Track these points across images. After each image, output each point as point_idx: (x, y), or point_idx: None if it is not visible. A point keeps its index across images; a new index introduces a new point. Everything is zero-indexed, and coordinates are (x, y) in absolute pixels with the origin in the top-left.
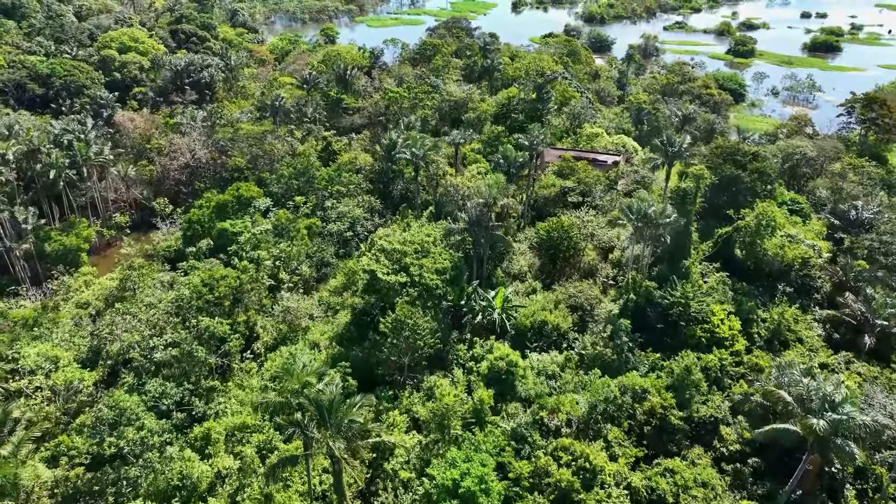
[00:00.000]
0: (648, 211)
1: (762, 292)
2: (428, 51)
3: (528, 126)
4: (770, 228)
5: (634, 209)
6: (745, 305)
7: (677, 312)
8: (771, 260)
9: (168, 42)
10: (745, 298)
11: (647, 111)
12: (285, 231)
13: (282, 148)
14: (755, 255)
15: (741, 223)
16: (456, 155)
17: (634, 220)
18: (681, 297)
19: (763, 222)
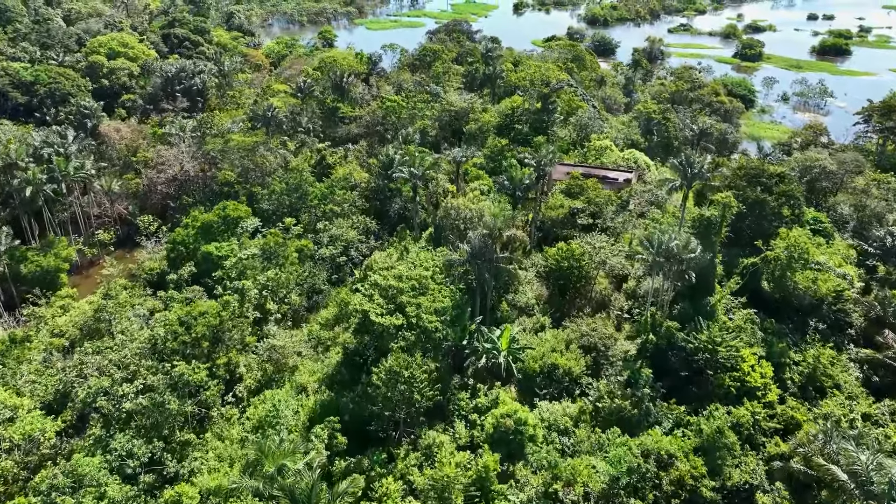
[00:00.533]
0: (670, 245)
1: (792, 329)
2: (427, 56)
3: (532, 138)
4: (802, 261)
5: (654, 242)
6: (776, 347)
7: (704, 359)
8: (802, 294)
9: (160, 47)
10: (775, 339)
11: (656, 121)
12: (274, 256)
13: (274, 161)
14: (784, 289)
15: (770, 254)
16: (457, 172)
17: (654, 254)
18: (708, 342)
19: (795, 255)
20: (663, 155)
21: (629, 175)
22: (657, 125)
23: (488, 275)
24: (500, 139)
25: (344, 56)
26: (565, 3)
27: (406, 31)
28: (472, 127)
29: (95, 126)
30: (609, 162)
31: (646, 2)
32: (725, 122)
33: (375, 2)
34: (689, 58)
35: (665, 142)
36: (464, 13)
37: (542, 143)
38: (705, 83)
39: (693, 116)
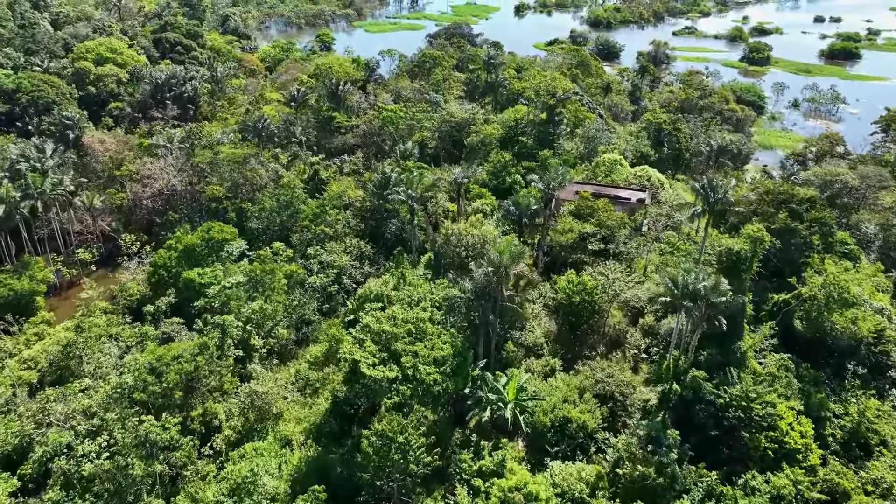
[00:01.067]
0: (697, 286)
1: (829, 374)
2: (427, 63)
3: (538, 152)
4: (842, 301)
5: (679, 283)
6: (815, 398)
7: (736, 417)
8: (839, 334)
9: (151, 52)
10: (813, 389)
11: (667, 132)
12: (260, 284)
13: (265, 174)
14: (820, 330)
15: (804, 291)
16: (458, 193)
17: (680, 297)
18: (741, 398)
19: (834, 294)
20: (674, 167)
21: (642, 195)
22: (668, 136)
23: (493, 316)
24: (504, 153)
25: (340, 63)
26: (567, 5)
27: (405, 34)
28: (473, 139)
29: (78, 137)
30: (620, 179)
31: (649, 4)
32: (737, 132)
33: (374, 4)
34: (695, 62)
35: (676, 153)
36: (464, 15)
37: (549, 159)
38: (714, 89)
39: (704, 126)
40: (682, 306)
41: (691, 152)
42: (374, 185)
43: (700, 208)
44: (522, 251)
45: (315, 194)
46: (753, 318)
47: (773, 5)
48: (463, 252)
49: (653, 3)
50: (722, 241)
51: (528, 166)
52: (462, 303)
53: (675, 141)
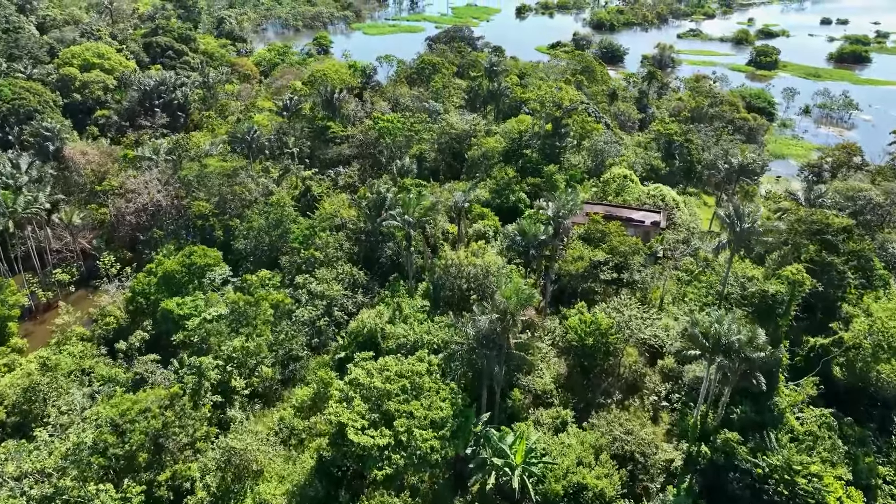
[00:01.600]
0: (731, 338)
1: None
2: (426, 69)
3: (543, 168)
4: (891, 351)
5: (711, 336)
6: (863, 463)
7: (778, 492)
8: (885, 385)
9: (140, 57)
10: (860, 452)
11: (678, 143)
12: (244, 316)
13: (255, 189)
14: (864, 380)
15: (848, 338)
16: (459, 218)
17: (711, 350)
18: (783, 468)
19: (882, 343)
20: (685, 180)
21: (656, 217)
22: (679, 148)
23: (498, 367)
24: (507, 168)
25: (336, 69)
26: (569, 7)
27: (405, 37)
28: (474, 153)
29: (59, 149)
30: (632, 198)
31: (653, 6)
32: (749, 142)
33: (373, 5)
34: (700, 66)
35: (688, 166)
36: (465, 17)
37: (555, 175)
38: (723, 96)
39: (716, 136)
40: (712, 360)
41: (703, 164)
42: (368, 205)
43: (725, 239)
44: (531, 295)
45: (307, 212)
46: (788, 364)
47: (778, 7)
48: (464, 284)
49: (656, 4)
50: (747, 271)
51: (534, 183)
52: (463, 351)
53: (687, 153)
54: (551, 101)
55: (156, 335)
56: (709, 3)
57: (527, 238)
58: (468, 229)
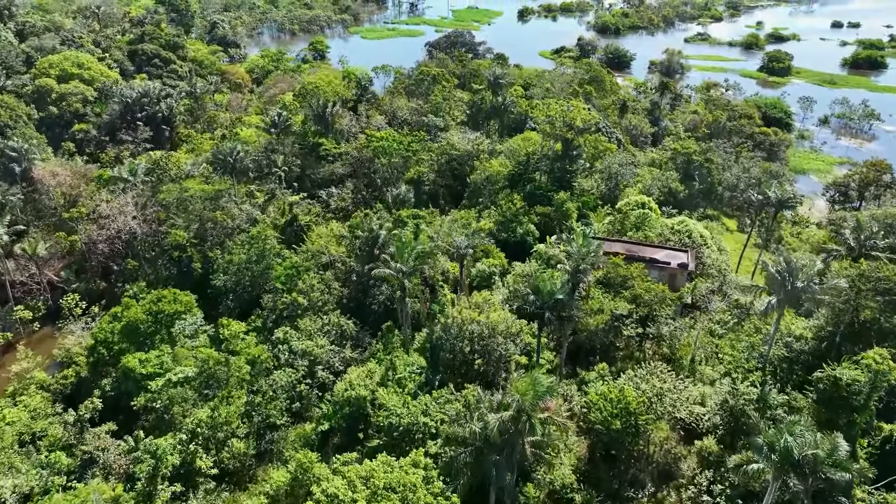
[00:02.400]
0: (805, 453)
1: None
2: (425, 81)
3: (553, 195)
4: None
5: (778, 450)
6: None
7: None
8: None
9: (125, 65)
10: None
11: (697, 163)
12: (214, 379)
13: (239, 215)
14: None
15: None
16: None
17: (779, 467)
18: None
19: None
20: (705, 203)
21: (684, 258)
22: (698, 168)
23: (510, 475)
24: (513, 194)
25: (328, 81)
26: (573, 10)
27: (404, 41)
28: (477, 177)
29: (26, 170)
30: (654, 234)
31: (658, 9)
32: (770, 158)
33: (372, 8)
34: (710, 72)
35: (708, 188)
36: (466, 20)
37: (567, 203)
38: (741, 108)
39: (735, 153)
40: (778, 478)
41: (724, 185)
42: (360, 243)
43: (774, 300)
44: (551, 387)
45: (293, 244)
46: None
47: (786, 9)
48: (467, 347)
49: (662, 7)
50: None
51: (543, 212)
52: (467, 455)
53: (707, 174)
54: (562, 121)
55: (116, 395)
56: (715, 5)
57: (542, 296)
58: (471, 269)
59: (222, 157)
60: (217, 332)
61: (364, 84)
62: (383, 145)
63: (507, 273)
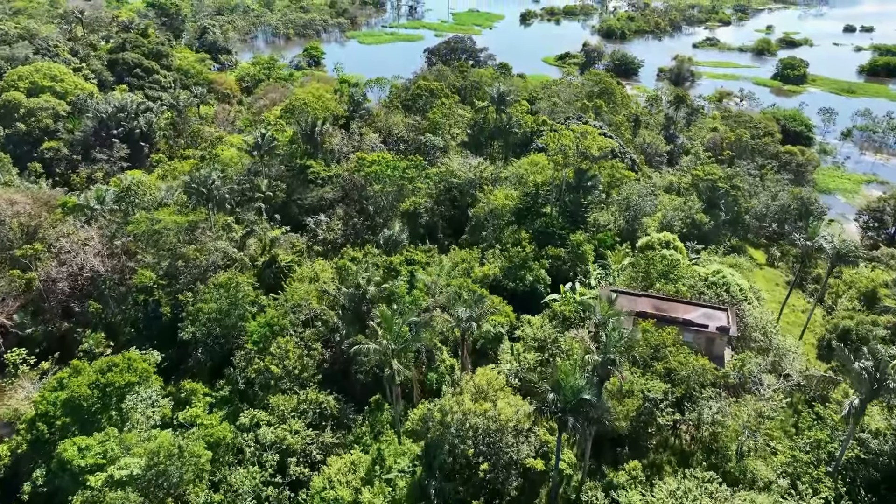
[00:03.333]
0: None
1: None
2: (423, 96)
3: (568, 234)
4: None
5: None
6: None
7: None
8: None
9: (104, 76)
10: None
11: (722, 191)
12: (164, 478)
13: (215, 251)
14: None
15: None
16: (463, 342)
17: None
18: None
19: None
20: (730, 231)
21: (723, 318)
22: (723, 196)
23: None
24: (521, 232)
25: (318, 95)
26: (576, 14)
27: (402, 47)
28: (480, 211)
29: None
30: (684, 287)
31: (665, 13)
32: (797, 181)
33: (370, 11)
34: (722, 79)
35: (734, 218)
36: (466, 24)
37: (584, 245)
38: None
39: (759, 175)
40: None
41: (751, 214)
42: (344, 299)
43: (855, 400)
44: None
45: (271, 290)
46: None
47: (795, 12)
48: (470, 449)
49: (668, 11)
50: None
51: (556, 255)
52: None
53: (734, 203)
54: (575, 149)
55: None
56: (723, 9)
57: (563, 396)
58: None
59: (195, 187)
60: (179, 394)
61: (357, 99)
62: (376, 171)
63: (516, 328)
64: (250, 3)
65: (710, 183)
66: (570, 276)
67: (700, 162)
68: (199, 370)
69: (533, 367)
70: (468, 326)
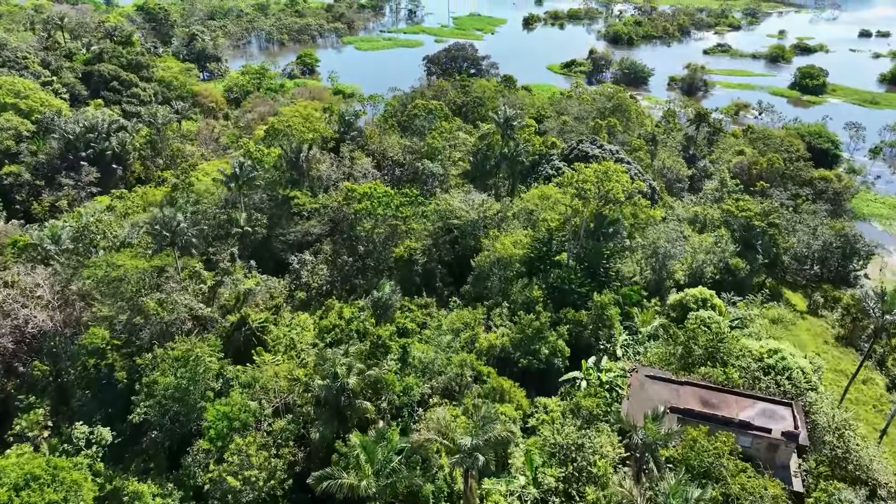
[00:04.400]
0: None
1: None
2: (419, 116)
3: (590, 294)
4: None
5: None
6: None
7: None
8: None
9: (77, 90)
10: None
11: (759, 230)
12: None
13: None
14: None
15: None
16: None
17: None
18: None
19: None
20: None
21: (788, 418)
22: (759, 235)
23: None
24: (532, 287)
25: (306, 115)
26: (581, 18)
27: (401, 53)
28: (484, 260)
29: None
30: (734, 371)
31: (673, 17)
32: (835, 212)
33: (368, 15)
34: (736, 89)
35: (772, 260)
36: (467, 29)
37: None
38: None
39: (793, 205)
40: None
41: (790, 255)
42: (320, 391)
43: None
44: None
45: (241, 358)
46: None
47: (807, 17)
48: None
49: (676, 16)
50: None
51: (576, 319)
52: None
53: (771, 243)
54: (596, 191)
55: None
56: (732, 12)
57: None
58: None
59: (158, 229)
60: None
61: (348, 119)
62: (366, 206)
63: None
64: (244, 6)
65: (745, 220)
66: (591, 341)
67: (727, 190)
68: (155, 452)
69: (555, 489)
70: (473, 461)
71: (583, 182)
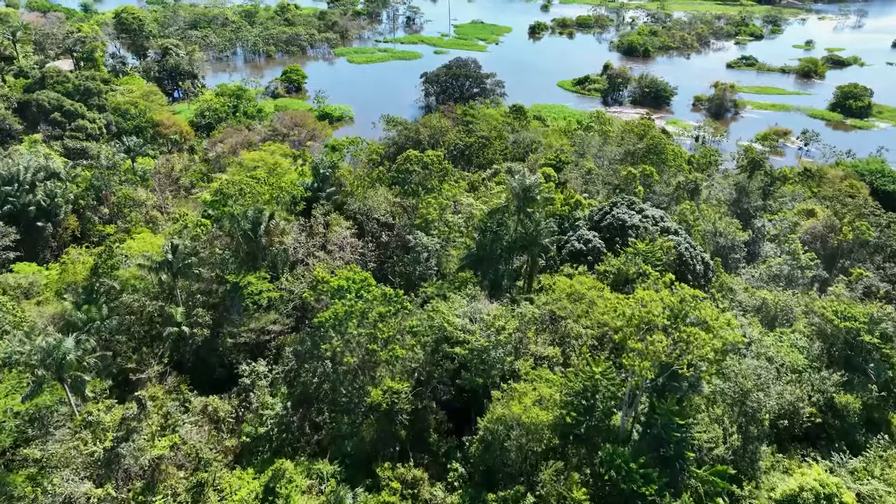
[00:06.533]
0: None
1: None
2: (411, 167)
3: (638, 480)
4: None
5: None
6: None
7: None
8: None
9: (9, 124)
10: None
11: (865, 343)
12: None
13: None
14: None
15: None
16: None
17: None
18: None
19: None
20: (886, 405)
21: None
22: (867, 353)
23: None
24: (570, 477)
25: (272, 165)
26: (590, 26)
27: (397, 66)
28: (495, 426)
29: None
30: None
31: (690, 25)
32: None
33: (363, 23)
34: (769, 110)
35: (884, 384)
36: (469, 38)
37: None
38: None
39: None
40: None
41: None
42: None
43: None
44: None
45: None
46: None
47: (831, 24)
48: None
49: (694, 24)
50: None
51: None
52: None
53: (887, 366)
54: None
55: None
56: (752, 20)
57: None
58: None
59: (39, 361)
60: None
61: (323, 173)
62: (335, 314)
63: None
64: (230, 14)
65: (845, 333)
66: None
67: (800, 267)
68: None
69: None
70: None
71: (644, 318)
